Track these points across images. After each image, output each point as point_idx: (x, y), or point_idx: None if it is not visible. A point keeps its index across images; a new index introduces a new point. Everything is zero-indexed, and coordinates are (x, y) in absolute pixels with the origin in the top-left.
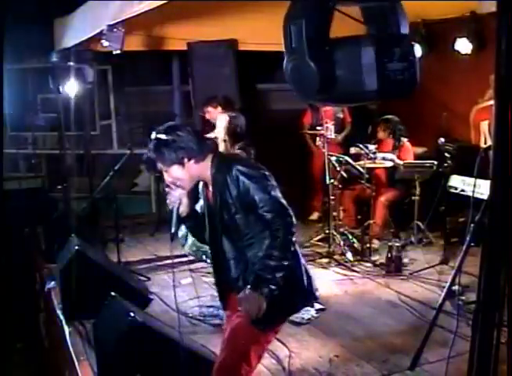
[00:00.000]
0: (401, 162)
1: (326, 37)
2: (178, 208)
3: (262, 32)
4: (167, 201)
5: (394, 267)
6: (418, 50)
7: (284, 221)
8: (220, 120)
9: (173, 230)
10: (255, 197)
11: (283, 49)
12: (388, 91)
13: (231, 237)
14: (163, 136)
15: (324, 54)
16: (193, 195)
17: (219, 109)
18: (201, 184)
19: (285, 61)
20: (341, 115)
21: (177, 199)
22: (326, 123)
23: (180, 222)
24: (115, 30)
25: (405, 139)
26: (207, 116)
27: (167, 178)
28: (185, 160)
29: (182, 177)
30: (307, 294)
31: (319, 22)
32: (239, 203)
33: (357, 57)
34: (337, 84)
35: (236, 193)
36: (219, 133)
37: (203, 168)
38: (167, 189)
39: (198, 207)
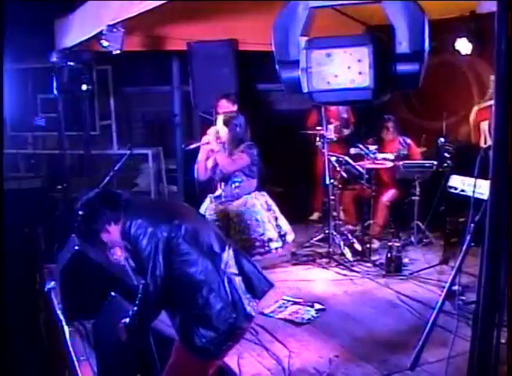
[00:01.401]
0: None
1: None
2: (128, 262)
3: (262, 32)
4: (115, 258)
5: (394, 267)
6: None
7: (143, 295)
8: (219, 120)
9: (136, 282)
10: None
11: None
12: None
13: None
14: (81, 213)
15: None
16: None
17: (236, 106)
18: None
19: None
20: (346, 115)
21: (120, 255)
22: (331, 123)
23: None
24: (115, 30)
25: (408, 139)
26: (219, 109)
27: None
28: (106, 226)
29: (113, 240)
30: (241, 316)
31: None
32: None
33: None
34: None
35: (131, 248)
36: (219, 133)
37: None
38: (111, 250)
39: None
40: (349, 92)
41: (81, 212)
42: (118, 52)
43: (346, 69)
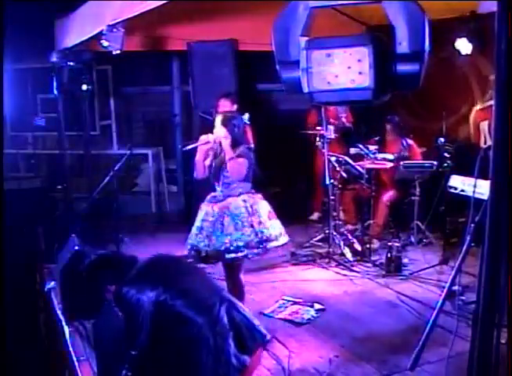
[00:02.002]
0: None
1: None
2: None
3: (262, 32)
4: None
5: (394, 267)
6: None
7: (131, 360)
8: (218, 120)
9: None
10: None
11: None
12: None
13: None
14: (85, 274)
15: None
16: None
17: (235, 106)
18: None
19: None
20: (344, 115)
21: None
22: (331, 123)
23: None
24: (115, 30)
25: (410, 140)
26: (219, 109)
27: None
28: (108, 286)
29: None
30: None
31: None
32: None
33: None
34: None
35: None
36: (217, 133)
37: None
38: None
39: None
40: (349, 92)
41: (84, 273)
42: (118, 52)
43: (346, 69)
